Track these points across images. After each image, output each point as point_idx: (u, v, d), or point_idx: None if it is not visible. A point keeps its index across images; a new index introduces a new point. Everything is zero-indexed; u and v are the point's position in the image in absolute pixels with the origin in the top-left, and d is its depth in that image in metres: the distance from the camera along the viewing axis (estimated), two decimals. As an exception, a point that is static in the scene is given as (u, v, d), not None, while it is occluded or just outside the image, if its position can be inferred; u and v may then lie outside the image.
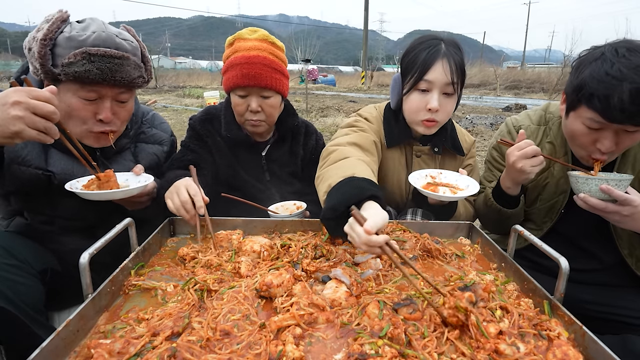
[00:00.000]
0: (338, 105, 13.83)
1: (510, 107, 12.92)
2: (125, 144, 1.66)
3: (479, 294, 1.03)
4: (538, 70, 32.50)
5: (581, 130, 1.37)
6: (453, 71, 1.57)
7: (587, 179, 1.32)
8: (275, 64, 1.78)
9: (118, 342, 0.86)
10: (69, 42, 1.33)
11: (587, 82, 1.27)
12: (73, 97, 1.38)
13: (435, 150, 1.81)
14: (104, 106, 1.42)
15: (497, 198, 1.62)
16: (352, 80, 36.19)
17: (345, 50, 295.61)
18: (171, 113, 11.85)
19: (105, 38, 1.36)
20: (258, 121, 1.81)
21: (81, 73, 1.31)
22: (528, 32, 76.62)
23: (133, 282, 1.15)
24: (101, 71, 1.33)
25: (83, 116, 1.41)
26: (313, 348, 0.90)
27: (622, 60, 1.23)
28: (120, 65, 1.37)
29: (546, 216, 1.66)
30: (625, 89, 1.19)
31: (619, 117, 1.23)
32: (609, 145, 1.32)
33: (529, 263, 1.64)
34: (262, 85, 1.73)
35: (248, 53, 1.74)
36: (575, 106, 1.36)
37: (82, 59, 1.31)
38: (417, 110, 1.64)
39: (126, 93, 1.47)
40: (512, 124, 1.75)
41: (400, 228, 1.48)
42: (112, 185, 1.41)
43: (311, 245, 1.34)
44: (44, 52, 1.30)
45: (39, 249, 1.49)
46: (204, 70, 46.75)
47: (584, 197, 1.32)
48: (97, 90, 1.38)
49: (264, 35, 1.82)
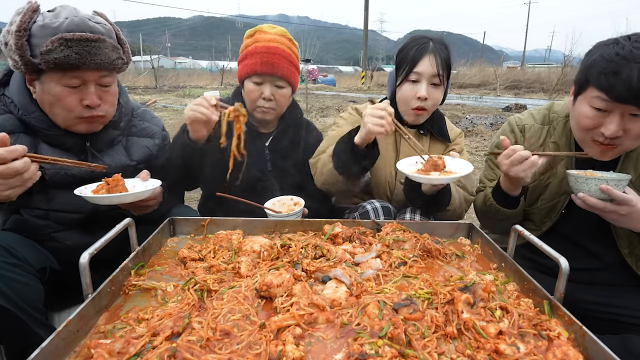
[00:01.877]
0: (338, 105, 13.82)
1: (510, 107, 12.91)
2: (116, 136, 1.66)
3: (478, 294, 1.03)
4: (538, 70, 32.49)
5: (587, 112, 1.37)
6: (439, 64, 1.76)
7: (587, 179, 1.33)
8: (292, 58, 1.93)
9: (118, 342, 0.86)
10: (43, 31, 1.33)
11: (597, 62, 1.31)
12: (57, 86, 1.38)
13: (421, 132, 1.95)
14: (89, 91, 1.43)
15: (496, 198, 1.62)
16: (352, 80, 36.21)
17: (345, 50, 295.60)
18: (171, 113, 11.85)
19: (78, 22, 1.36)
20: (269, 109, 1.93)
21: (61, 59, 1.31)
22: (528, 32, 76.61)
23: (133, 282, 1.15)
24: (80, 55, 1.33)
25: (70, 104, 1.42)
26: (313, 348, 0.90)
27: (634, 43, 1.26)
28: (98, 47, 1.38)
29: (546, 216, 1.66)
30: (634, 67, 1.21)
31: (626, 95, 1.24)
32: (615, 129, 1.31)
33: (529, 262, 1.64)
34: (278, 74, 1.87)
35: (269, 44, 1.88)
36: (584, 87, 1.38)
37: (60, 45, 1.31)
38: (408, 98, 1.82)
39: (108, 76, 1.48)
40: (516, 122, 1.75)
41: (400, 228, 1.48)
42: (121, 189, 1.42)
43: (311, 245, 1.34)
44: (20, 44, 1.31)
45: (37, 247, 1.49)
46: (204, 70, 46.75)
47: (584, 196, 1.33)
48: (79, 75, 1.39)
49: (282, 31, 1.98)
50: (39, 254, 1.45)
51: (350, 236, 1.45)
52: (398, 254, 1.33)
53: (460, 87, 26.96)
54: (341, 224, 1.48)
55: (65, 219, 1.57)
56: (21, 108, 1.46)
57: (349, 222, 1.55)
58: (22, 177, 1.15)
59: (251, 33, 1.98)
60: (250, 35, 1.97)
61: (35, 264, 1.38)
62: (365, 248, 1.39)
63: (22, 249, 1.36)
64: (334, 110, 12.39)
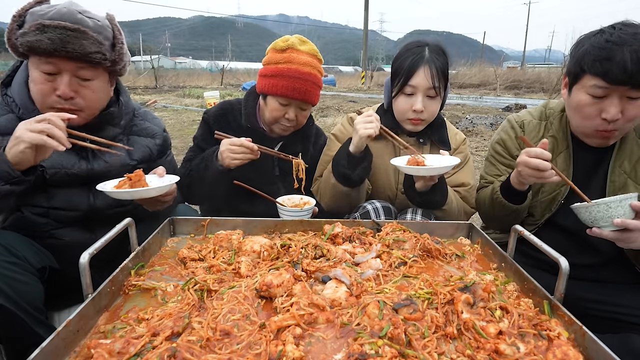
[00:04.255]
0: (338, 105, 13.83)
1: (510, 107, 12.91)
2: (117, 134, 1.67)
3: (478, 294, 1.03)
4: (538, 70, 32.46)
5: (586, 100, 1.40)
6: (434, 76, 1.72)
7: (587, 207, 1.30)
8: (320, 82, 1.94)
9: (118, 342, 0.85)
10: (31, 17, 1.38)
11: (588, 51, 1.36)
12: (35, 71, 1.41)
13: (420, 141, 1.93)
14: (62, 81, 1.42)
15: (504, 193, 1.62)
16: (352, 80, 36.20)
17: (345, 50, 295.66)
18: (171, 113, 11.85)
19: (64, 13, 1.39)
20: (289, 127, 1.97)
21: (32, 42, 1.34)
22: (528, 32, 76.71)
23: (133, 282, 1.15)
24: (52, 41, 1.34)
25: (44, 90, 1.42)
26: (313, 348, 0.90)
27: (620, 31, 1.33)
28: (75, 37, 1.37)
29: (546, 208, 1.67)
30: (626, 50, 1.28)
31: (622, 77, 1.28)
32: (614, 112, 1.34)
33: (530, 260, 1.64)
34: (308, 100, 1.89)
35: (302, 68, 1.86)
36: (579, 77, 1.41)
37: (35, 30, 1.34)
38: (404, 110, 1.81)
39: (87, 69, 1.45)
40: (515, 120, 1.78)
41: (400, 228, 1.48)
42: (143, 185, 1.45)
43: (311, 245, 1.34)
44: (11, 28, 1.38)
45: (37, 246, 1.49)
46: (204, 70, 46.77)
47: (599, 233, 1.32)
48: (53, 62, 1.39)
49: (314, 50, 1.94)
50: (38, 253, 1.45)
51: (350, 236, 1.45)
52: (398, 254, 1.33)
53: (460, 87, 26.96)
54: (341, 224, 1.48)
55: (64, 216, 1.58)
56: (22, 107, 1.48)
57: (349, 222, 1.55)
58: None
59: (282, 47, 1.88)
60: (282, 50, 1.88)
61: (35, 263, 1.38)
62: (365, 248, 1.39)
63: (22, 248, 1.36)
64: (334, 110, 12.39)
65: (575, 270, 1.12)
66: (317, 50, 1.95)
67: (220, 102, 2.12)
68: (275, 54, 1.89)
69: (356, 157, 1.72)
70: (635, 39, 1.28)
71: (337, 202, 1.85)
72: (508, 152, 1.76)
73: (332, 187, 1.80)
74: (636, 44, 1.27)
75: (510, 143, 1.74)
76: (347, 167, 1.73)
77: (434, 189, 1.70)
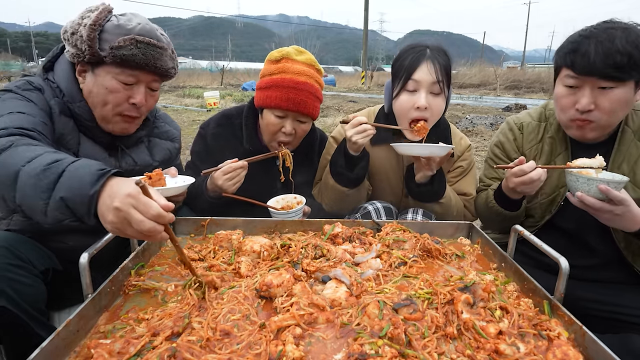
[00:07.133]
0: (338, 105, 13.83)
1: (510, 107, 12.91)
2: (142, 135, 1.72)
3: (478, 294, 1.03)
4: (538, 70, 32.44)
5: (562, 92, 1.48)
6: (438, 71, 1.66)
7: (588, 179, 1.33)
8: (318, 93, 1.84)
9: (118, 342, 0.86)
10: (117, 29, 1.45)
11: (563, 45, 1.47)
12: (112, 80, 1.47)
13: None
14: (139, 90, 1.52)
15: (499, 201, 1.63)
16: (352, 80, 36.18)
17: (345, 50, 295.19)
18: (171, 113, 11.83)
19: (149, 30, 1.50)
20: (287, 142, 1.86)
21: (128, 56, 1.43)
22: (528, 32, 76.69)
23: (133, 282, 1.15)
24: (145, 57, 1.46)
25: (118, 99, 1.50)
26: (313, 348, 0.90)
27: (596, 26, 1.42)
28: (161, 54, 1.50)
29: (546, 210, 1.67)
30: (592, 42, 1.36)
31: (587, 67, 1.35)
32: (585, 102, 1.40)
33: (530, 260, 1.64)
34: (304, 112, 1.78)
35: (297, 77, 1.76)
36: (557, 70, 1.51)
37: (130, 44, 1.43)
38: (406, 109, 1.71)
39: (158, 82, 1.59)
40: (514, 121, 1.78)
41: (400, 228, 1.48)
42: (162, 184, 1.47)
43: (311, 245, 1.34)
44: (92, 36, 1.41)
45: (41, 248, 1.49)
46: (204, 70, 46.73)
47: (581, 196, 1.34)
48: (136, 75, 1.49)
49: (311, 60, 1.84)
50: (43, 255, 1.45)
51: (350, 236, 1.45)
52: (398, 254, 1.33)
53: (460, 87, 26.95)
54: (341, 224, 1.48)
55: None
56: (67, 95, 1.51)
57: (349, 222, 1.55)
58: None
59: (277, 57, 1.81)
60: (277, 60, 1.81)
61: (39, 265, 1.38)
62: (365, 248, 1.39)
63: (26, 250, 1.36)
64: (334, 110, 12.39)
65: (575, 271, 1.12)
66: (314, 60, 1.86)
67: (218, 116, 2.01)
68: (270, 65, 1.83)
69: (354, 157, 1.71)
70: (605, 33, 1.35)
71: (338, 203, 1.84)
72: (506, 155, 1.76)
73: (331, 188, 1.78)
74: (603, 36, 1.34)
75: (509, 145, 1.75)
76: (345, 167, 1.72)
77: (432, 180, 1.72)
